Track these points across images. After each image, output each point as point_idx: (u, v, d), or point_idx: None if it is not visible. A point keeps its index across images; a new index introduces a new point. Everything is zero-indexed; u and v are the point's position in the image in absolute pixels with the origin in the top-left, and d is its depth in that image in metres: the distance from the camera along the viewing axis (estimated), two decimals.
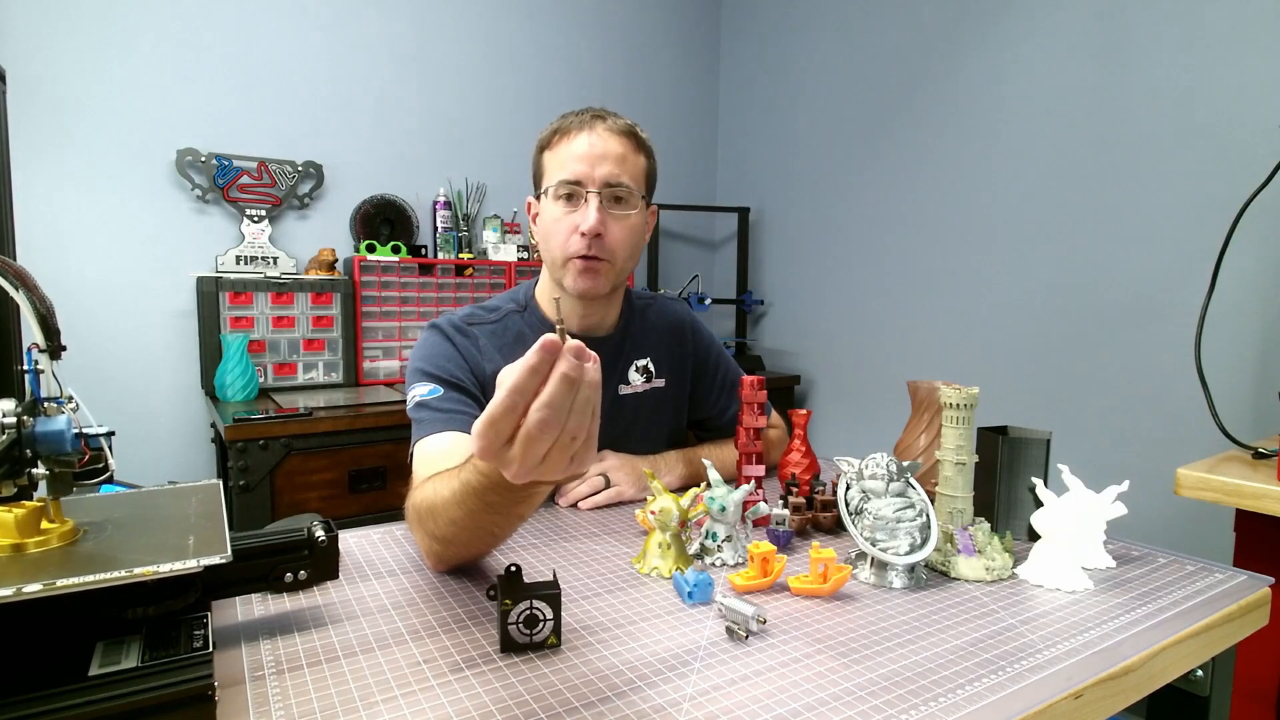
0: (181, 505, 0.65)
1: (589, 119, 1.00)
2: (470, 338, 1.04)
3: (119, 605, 0.53)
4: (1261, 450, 1.17)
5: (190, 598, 0.56)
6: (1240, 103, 1.59)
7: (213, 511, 0.63)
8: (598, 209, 0.97)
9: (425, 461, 0.89)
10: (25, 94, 1.83)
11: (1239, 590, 0.76)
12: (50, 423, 0.53)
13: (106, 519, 0.61)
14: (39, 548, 0.54)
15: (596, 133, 0.98)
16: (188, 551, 0.54)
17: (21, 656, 0.49)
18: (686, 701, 0.53)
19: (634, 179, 1.01)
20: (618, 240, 1.00)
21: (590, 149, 0.97)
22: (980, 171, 2.11)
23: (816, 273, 2.68)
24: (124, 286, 2.00)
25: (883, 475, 0.79)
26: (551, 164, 1.01)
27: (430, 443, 0.92)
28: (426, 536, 0.75)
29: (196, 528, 0.59)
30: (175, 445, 2.10)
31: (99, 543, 0.56)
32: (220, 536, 0.57)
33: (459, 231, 2.42)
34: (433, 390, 0.97)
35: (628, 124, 1.02)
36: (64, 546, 0.55)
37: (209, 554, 0.53)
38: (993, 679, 0.57)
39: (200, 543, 0.56)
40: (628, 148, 1.00)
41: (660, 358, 1.16)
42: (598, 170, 0.97)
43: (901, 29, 2.33)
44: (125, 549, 0.55)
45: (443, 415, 0.94)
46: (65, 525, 0.57)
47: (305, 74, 2.22)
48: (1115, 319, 1.82)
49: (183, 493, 0.69)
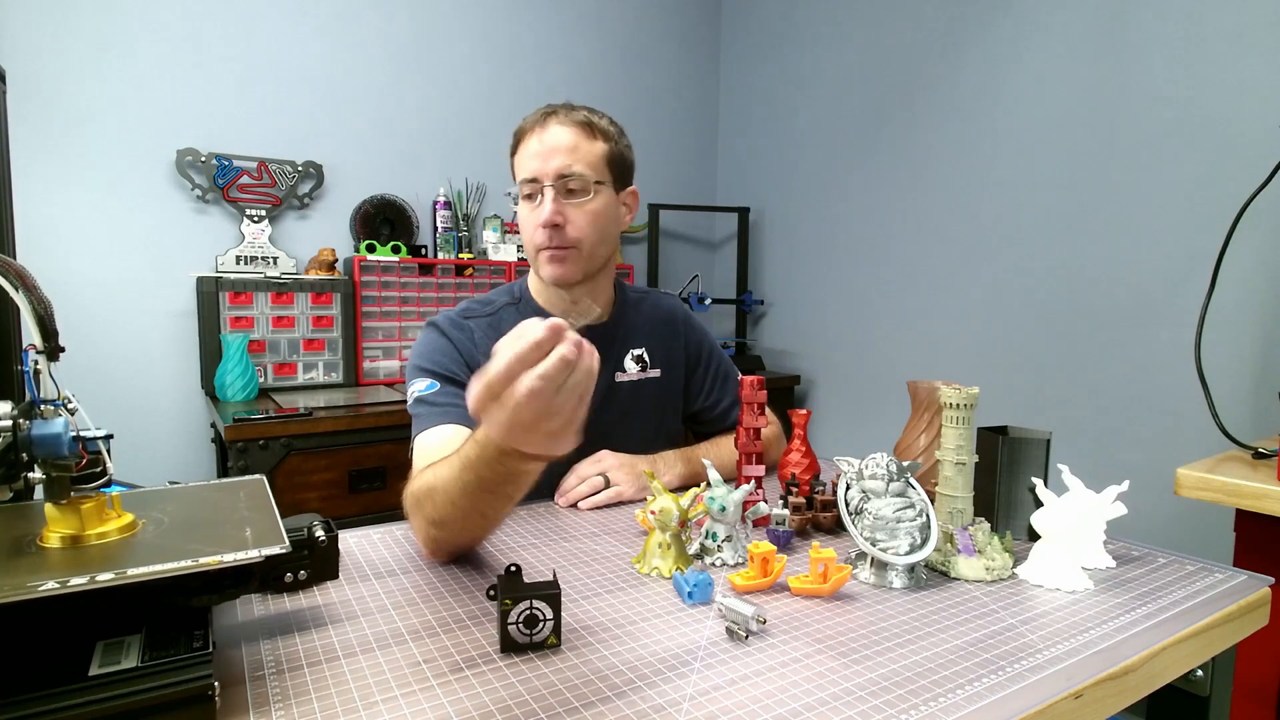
0: (231, 499, 0.67)
1: (541, 117, 1.04)
2: (465, 331, 1.08)
3: (184, 595, 0.54)
4: (1261, 450, 1.17)
5: (250, 587, 0.58)
6: (1240, 103, 1.59)
7: (262, 504, 0.65)
8: (553, 200, 1.01)
9: (423, 454, 0.92)
10: (25, 94, 1.83)
11: (1239, 590, 0.76)
12: (47, 426, 0.53)
13: (162, 513, 0.62)
14: (100, 539, 0.55)
15: (548, 129, 1.02)
16: (247, 543, 0.55)
17: (22, 657, 0.49)
18: (686, 701, 0.53)
19: (589, 165, 1.03)
20: (580, 228, 1.03)
21: (541, 145, 1.02)
22: (980, 171, 2.11)
23: (816, 273, 2.68)
24: (124, 286, 2.00)
25: (883, 475, 0.79)
26: (516, 166, 1.07)
27: (428, 436, 0.95)
28: (423, 520, 0.78)
29: (251, 520, 0.61)
30: (175, 445, 2.10)
31: (158, 535, 0.58)
32: (275, 528, 0.59)
33: (459, 231, 2.42)
34: (430, 385, 1.00)
35: (583, 115, 1.05)
36: (124, 539, 0.56)
37: (268, 545, 0.55)
38: (993, 679, 0.57)
39: (258, 534, 0.57)
40: (580, 136, 1.03)
41: (655, 348, 1.19)
42: (550, 164, 1.01)
43: (902, 29, 2.33)
44: (185, 540, 0.56)
45: (439, 410, 0.97)
46: (124, 518, 0.58)
47: (305, 74, 2.22)
48: (1115, 319, 1.81)
49: (230, 487, 0.71)
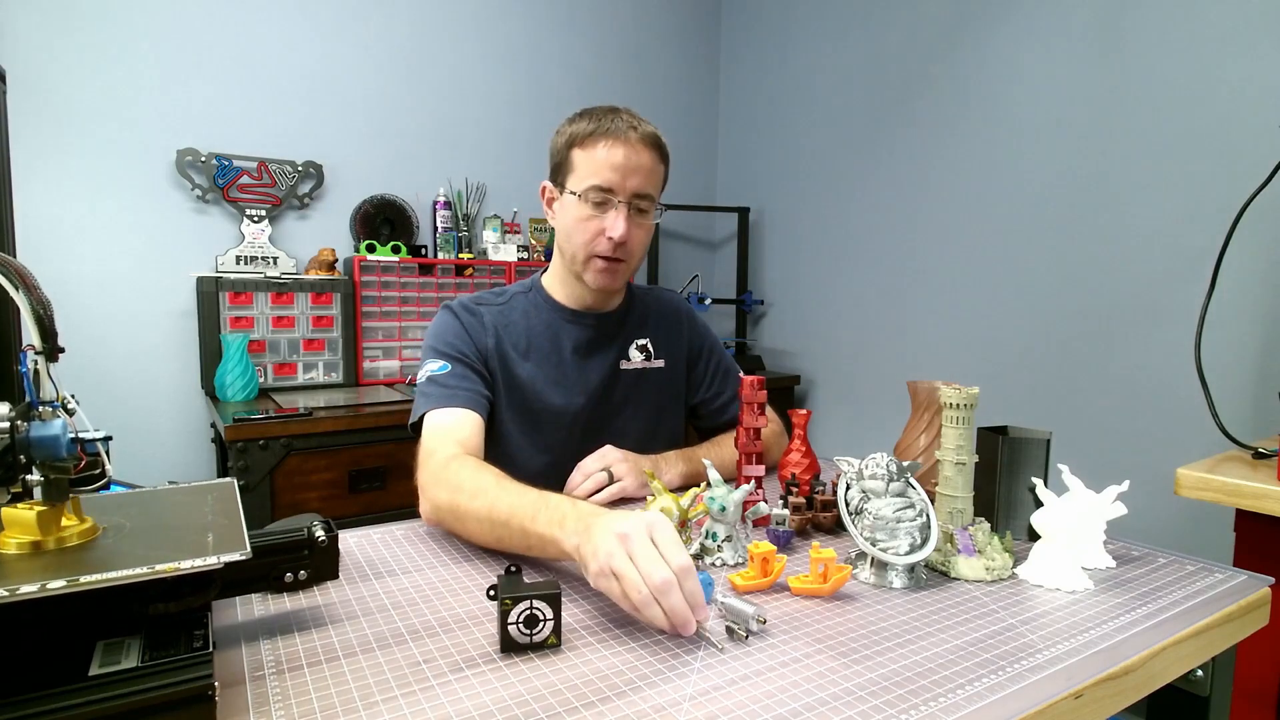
0: (198, 503, 0.66)
1: (624, 126, 1.04)
2: (476, 315, 1.12)
3: (141, 601, 0.54)
4: (1261, 450, 1.17)
5: (211, 594, 0.57)
6: (1240, 103, 1.59)
7: (230, 509, 0.64)
8: (626, 219, 1.04)
9: (436, 433, 0.98)
10: (25, 94, 1.83)
11: (1239, 590, 0.76)
12: (45, 427, 0.52)
13: (125, 517, 0.62)
14: (59, 545, 0.54)
15: (631, 144, 1.03)
16: (208, 549, 0.54)
17: (22, 656, 0.49)
18: (686, 701, 0.53)
19: (656, 190, 1.08)
20: (636, 244, 1.08)
21: (626, 160, 1.03)
22: (980, 171, 2.11)
23: (816, 273, 2.68)
24: (124, 286, 2.00)
25: (883, 475, 0.79)
26: (583, 164, 1.05)
27: (441, 415, 1.00)
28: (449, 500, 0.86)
29: (215, 525, 0.60)
30: (175, 445, 2.10)
31: (119, 540, 0.57)
32: (239, 533, 0.58)
33: (459, 231, 2.42)
34: (443, 366, 1.05)
35: (655, 133, 1.07)
36: (84, 544, 0.56)
37: (229, 551, 0.54)
38: (993, 679, 0.57)
39: (219, 540, 0.56)
40: (655, 159, 1.06)
41: (659, 340, 1.23)
42: (629, 181, 1.03)
43: (901, 29, 2.33)
44: (146, 546, 0.55)
45: (449, 391, 1.02)
46: (85, 523, 0.57)
47: (305, 74, 2.22)
48: (1115, 319, 1.81)
49: (199, 491, 0.70)
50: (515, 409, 1.11)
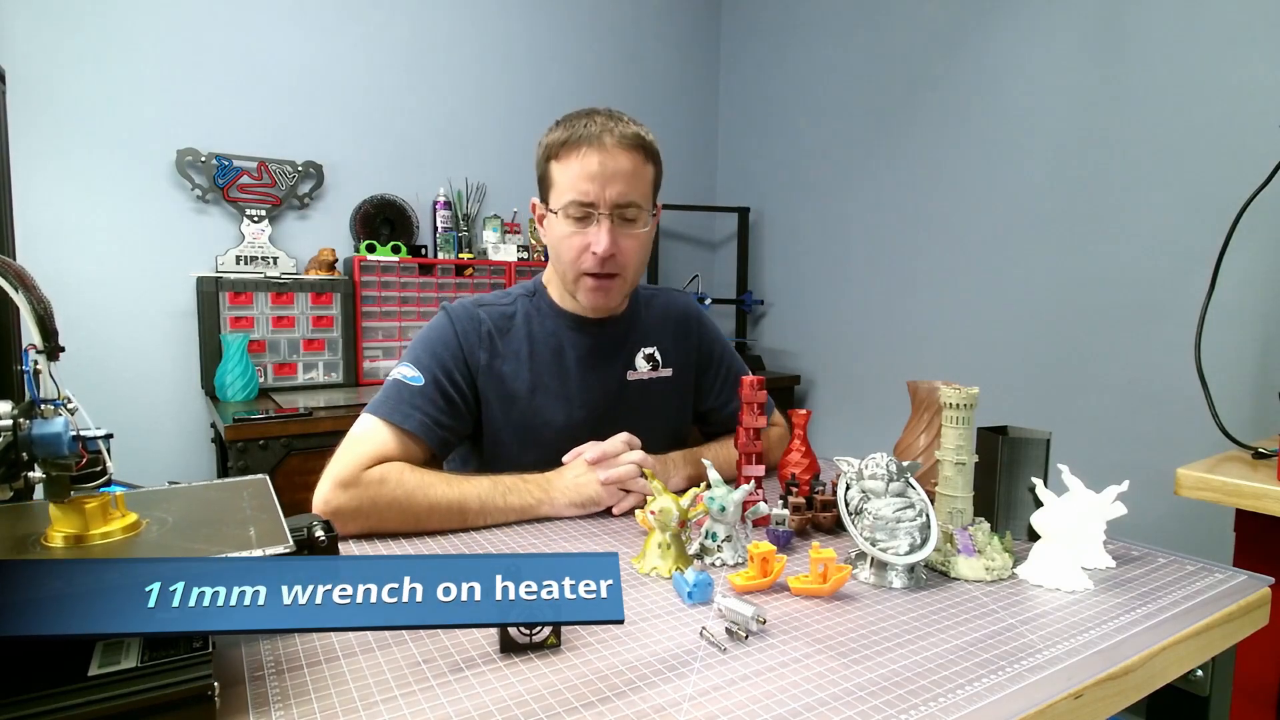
0: (235, 499, 0.67)
1: (597, 131, 0.97)
2: (475, 323, 1.06)
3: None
4: (1261, 450, 1.17)
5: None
6: (1240, 103, 1.59)
7: (266, 504, 0.65)
8: (609, 231, 0.97)
9: (366, 440, 0.94)
10: (25, 94, 1.83)
11: (1239, 590, 0.76)
12: (47, 425, 0.53)
13: (166, 512, 0.62)
14: (104, 539, 0.55)
15: (606, 150, 0.96)
16: (251, 542, 0.55)
17: (22, 656, 0.49)
18: (686, 701, 0.53)
19: (643, 195, 1.00)
20: (628, 255, 1.01)
21: (602, 168, 0.96)
22: (980, 171, 2.11)
23: (816, 273, 2.68)
24: (124, 286, 2.00)
25: (883, 475, 0.79)
26: (561, 179, 0.99)
27: (382, 428, 0.96)
28: (370, 500, 0.88)
29: (254, 520, 0.61)
30: (175, 445, 2.10)
31: (163, 534, 0.58)
32: (279, 527, 0.59)
33: (459, 231, 2.42)
34: (416, 378, 0.99)
35: (636, 132, 0.99)
36: (129, 538, 0.56)
37: (272, 544, 0.55)
38: (993, 679, 0.57)
39: (261, 534, 0.57)
40: (637, 161, 0.99)
41: (667, 348, 1.17)
42: (608, 190, 0.97)
43: (901, 29, 2.33)
44: (189, 539, 0.56)
45: (406, 410, 0.97)
46: (128, 518, 0.58)
47: (305, 74, 2.22)
48: (1115, 319, 1.81)
49: (233, 487, 0.71)
50: (511, 421, 1.06)
